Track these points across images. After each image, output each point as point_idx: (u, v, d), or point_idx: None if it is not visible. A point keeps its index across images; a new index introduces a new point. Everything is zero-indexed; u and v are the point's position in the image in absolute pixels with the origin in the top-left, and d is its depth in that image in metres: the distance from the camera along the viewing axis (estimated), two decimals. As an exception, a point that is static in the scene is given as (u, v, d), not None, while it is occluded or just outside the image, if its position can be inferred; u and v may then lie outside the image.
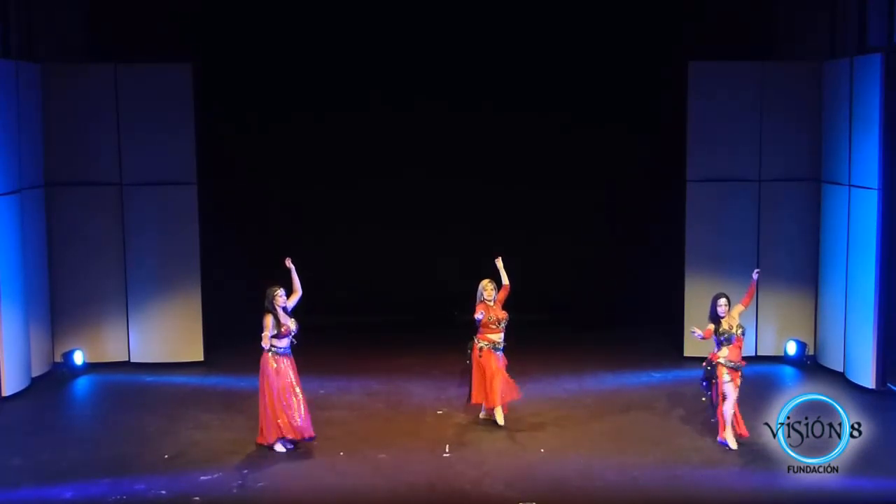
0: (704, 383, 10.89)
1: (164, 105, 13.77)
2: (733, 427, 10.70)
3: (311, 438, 10.74)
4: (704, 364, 10.87)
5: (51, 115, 13.58)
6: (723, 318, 10.70)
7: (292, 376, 10.68)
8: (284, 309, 10.64)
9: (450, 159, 16.22)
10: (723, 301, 10.73)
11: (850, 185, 13.07)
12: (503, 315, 11.40)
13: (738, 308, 10.84)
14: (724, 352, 10.69)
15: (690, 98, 13.92)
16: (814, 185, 13.92)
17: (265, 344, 10.49)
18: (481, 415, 11.64)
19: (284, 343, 10.65)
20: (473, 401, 11.55)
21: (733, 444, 10.64)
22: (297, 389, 10.68)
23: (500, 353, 11.44)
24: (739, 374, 10.75)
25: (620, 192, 16.19)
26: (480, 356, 11.36)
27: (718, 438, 10.78)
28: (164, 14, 14.72)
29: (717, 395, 10.75)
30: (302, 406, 10.66)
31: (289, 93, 15.97)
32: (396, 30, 15.89)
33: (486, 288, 11.43)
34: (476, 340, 11.44)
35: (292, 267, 10.76)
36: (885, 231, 12.53)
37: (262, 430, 10.70)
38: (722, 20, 15.01)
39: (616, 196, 16.26)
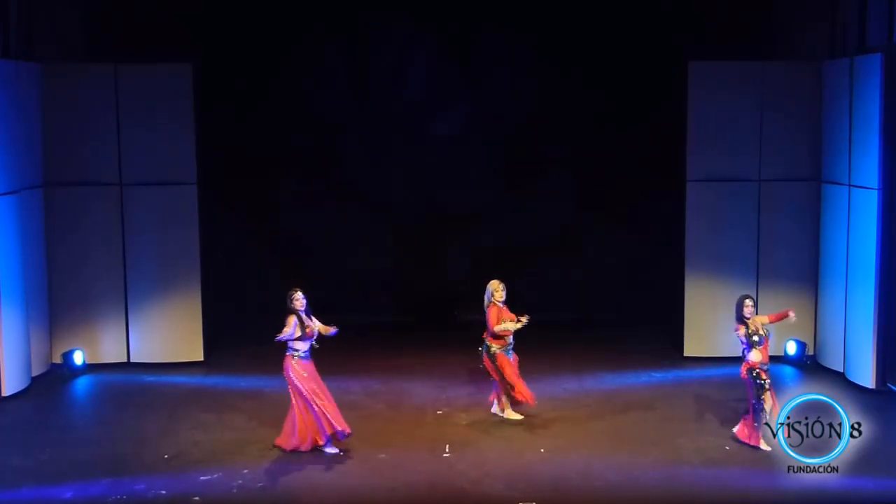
0: (755, 400, 10.62)
1: (164, 105, 13.74)
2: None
3: (343, 434, 10.64)
4: (751, 376, 10.56)
5: (51, 115, 13.55)
6: (749, 319, 10.63)
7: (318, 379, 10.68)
8: (306, 312, 10.60)
9: (450, 159, 16.20)
10: (748, 302, 10.67)
11: (850, 185, 13.06)
12: (512, 316, 11.33)
13: (763, 318, 10.78)
14: (757, 356, 10.51)
15: (690, 98, 13.90)
16: (814, 185, 13.90)
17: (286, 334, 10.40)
18: (494, 409, 11.64)
19: (306, 346, 10.60)
20: (520, 398, 11.45)
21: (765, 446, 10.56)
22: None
23: (510, 353, 11.44)
24: (767, 372, 10.70)
25: (620, 192, 16.15)
26: (496, 361, 11.35)
27: (754, 444, 10.62)
28: (163, 14, 14.70)
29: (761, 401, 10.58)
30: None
31: (289, 92, 15.96)
32: (396, 23, 15.93)
33: (498, 289, 11.33)
34: (488, 345, 11.40)
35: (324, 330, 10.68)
36: (885, 231, 12.51)
37: (291, 434, 10.61)
38: (722, 20, 14.99)
39: (616, 196, 16.22)
